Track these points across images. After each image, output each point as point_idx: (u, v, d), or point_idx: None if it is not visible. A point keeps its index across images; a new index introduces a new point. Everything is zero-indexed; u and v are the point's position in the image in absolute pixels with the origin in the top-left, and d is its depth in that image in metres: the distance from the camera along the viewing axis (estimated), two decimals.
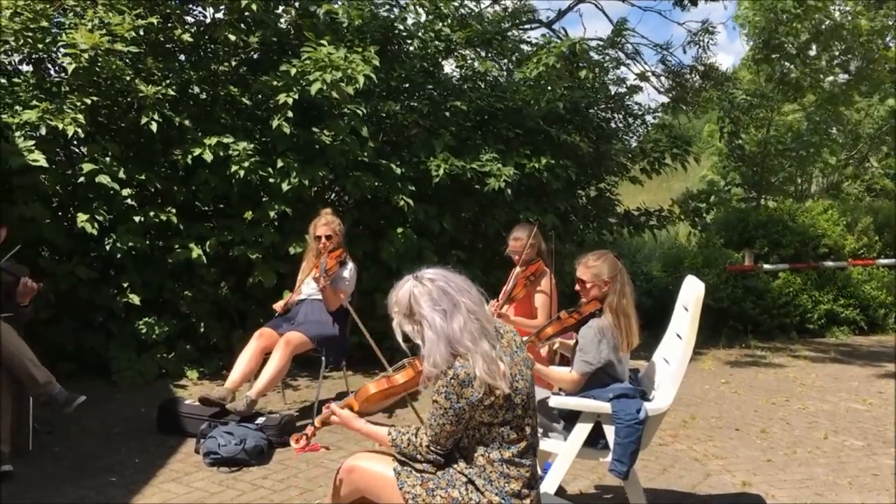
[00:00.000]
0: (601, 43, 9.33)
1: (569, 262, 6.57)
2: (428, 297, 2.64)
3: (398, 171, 6.82)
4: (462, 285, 2.71)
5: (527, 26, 12.06)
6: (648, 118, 9.54)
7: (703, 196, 9.88)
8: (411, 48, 7.73)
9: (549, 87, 7.64)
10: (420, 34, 7.65)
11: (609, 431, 3.69)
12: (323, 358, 5.37)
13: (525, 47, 9.01)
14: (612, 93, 8.87)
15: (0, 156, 5.56)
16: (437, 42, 7.68)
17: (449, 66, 8.32)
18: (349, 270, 5.51)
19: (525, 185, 7.40)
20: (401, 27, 7.54)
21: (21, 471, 4.22)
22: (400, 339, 2.75)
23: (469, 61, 8.25)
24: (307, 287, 5.53)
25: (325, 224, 5.46)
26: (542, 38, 8.75)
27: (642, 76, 10.26)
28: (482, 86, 8.04)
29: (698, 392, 6.77)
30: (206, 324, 6.60)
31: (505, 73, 8.80)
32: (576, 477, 4.43)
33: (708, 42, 11.23)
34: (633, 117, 9.17)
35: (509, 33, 9.06)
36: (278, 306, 5.47)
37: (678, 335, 3.94)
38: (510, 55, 8.66)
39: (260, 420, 4.85)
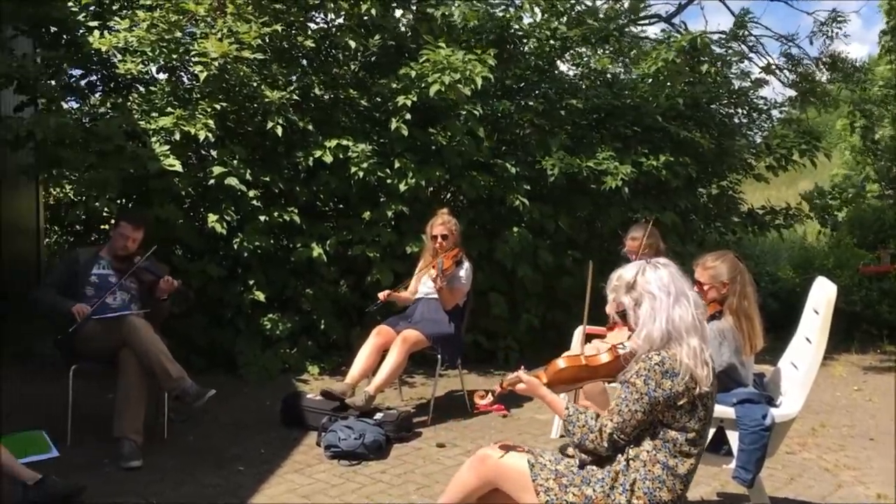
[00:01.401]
0: (724, 36, 9.03)
1: (689, 263, 6.39)
2: (657, 278, 2.71)
3: (513, 170, 6.82)
4: (688, 284, 2.76)
5: (645, 21, 11.79)
6: (774, 113, 9.16)
7: (836, 192, 9.36)
8: (527, 47, 7.71)
9: (669, 83, 7.45)
10: (536, 33, 7.62)
11: (732, 437, 3.58)
12: (439, 356, 5.43)
13: (643, 43, 8.83)
14: (735, 87, 8.56)
15: (139, 160, 5.91)
16: (552, 40, 7.63)
17: (564, 65, 8.25)
18: (465, 270, 5.55)
19: (643, 184, 7.25)
20: (516, 27, 7.54)
21: (157, 458, 4.49)
22: (613, 311, 2.80)
23: (585, 59, 8.15)
24: (424, 286, 5.60)
25: (442, 224, 5.52)
26: (661, 34, 8.57)
27: (767, 69, 9.85)
28: (599, 83, 7.93)
29: (829, 399, 6.44)
30: (326, 321, 6.79)
31: (622, 69, 8.65)
32: (697, 483, 4.30)
33: (836, 32, 10.65)
34: (757, 112, 8.83)
35: (627, 29, 8.89)
36: (382, 295, 5.54)
37: (808, 339, 3.78)
38: (628, 51, 8.50)
39: (378, 416, 4.96)
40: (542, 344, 7.28)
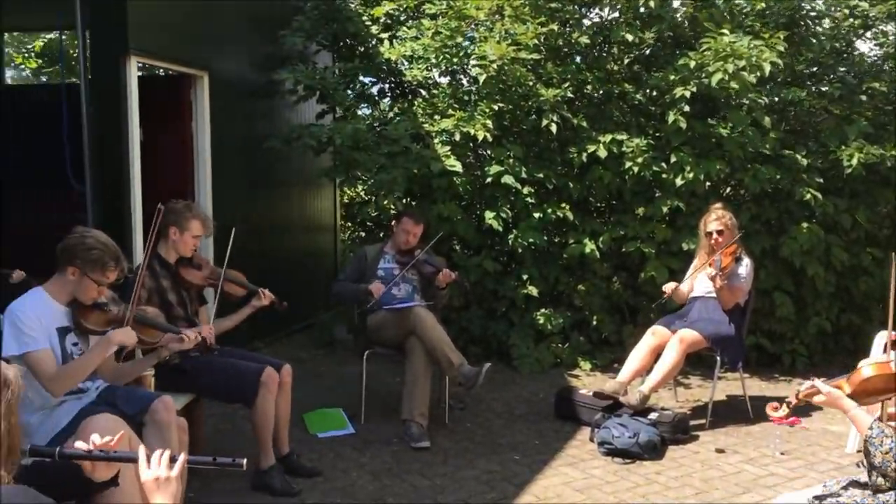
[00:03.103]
0: None
1: None
2: None
3: (803, 161, 6.33)
4: None
5: None
6: None
7: None
8: (820, 28, 7.10)
9: None
10: (831, 12, 6.99)
11: None
12: (718, 358, 5.21)
13: None
14: None
15: (423, 161, 6.30)
16: (851, 19, 6.96)
17: (865, 45, 7.47)
18: (745, 267, 5.26)
19: None
20: (808, 7, 6.97)
21: (440, 442, 4.76)
22: None
23: (891, 37, 7.33)
24: (701, 285, 5.39)
25: (717, 219, 5.27)
26: None
27: None
28: None
29: None
30: (598, 317, 6.76)
31: None
32: None
33: None
34: None
35: None
36: (668, 288, 5.37)
37: None
38: None
39: (653, 415, 4.85)
40: (835, 350, 6.70)
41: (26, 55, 15.09)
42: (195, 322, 4.19)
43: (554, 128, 6.34)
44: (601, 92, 6.97)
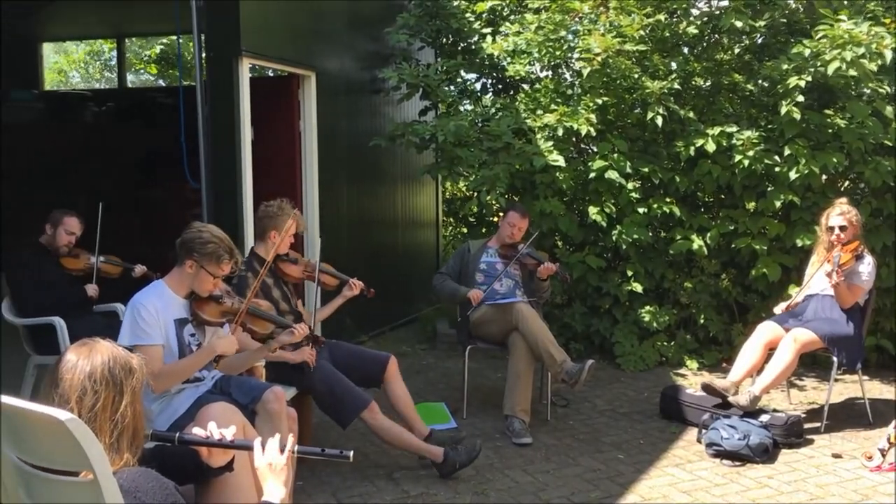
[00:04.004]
0: None
1: None
2: None
3: None
4: None
5: None
6: None
7: None
8: None
9: None
10: None
11: None
12: (834, 358, 4.97)
13: None
14: None
15: (525, 156, 6.27)
16: None
17: None
18: (867, 265, 5.00)
19: None
20: None
21: (542, 439, 4.74)
22: None
23: None
24: (818, 282, 5.16)
25: (840, 214, 5.03)
26: None
27: None
28: None
29: None
30: (705, 315, 6.57)
31: None
32: None
33: None
34: None
35: None
36: (779, 309, 5.19)
37: None
38: None
39: (764, 417, 4.68)
40: None
41: (146, 60, 15.90)
42: (300, 315, 4.33)
43: (660, 121, 6.20)
44: (710, 83, 6.77)
